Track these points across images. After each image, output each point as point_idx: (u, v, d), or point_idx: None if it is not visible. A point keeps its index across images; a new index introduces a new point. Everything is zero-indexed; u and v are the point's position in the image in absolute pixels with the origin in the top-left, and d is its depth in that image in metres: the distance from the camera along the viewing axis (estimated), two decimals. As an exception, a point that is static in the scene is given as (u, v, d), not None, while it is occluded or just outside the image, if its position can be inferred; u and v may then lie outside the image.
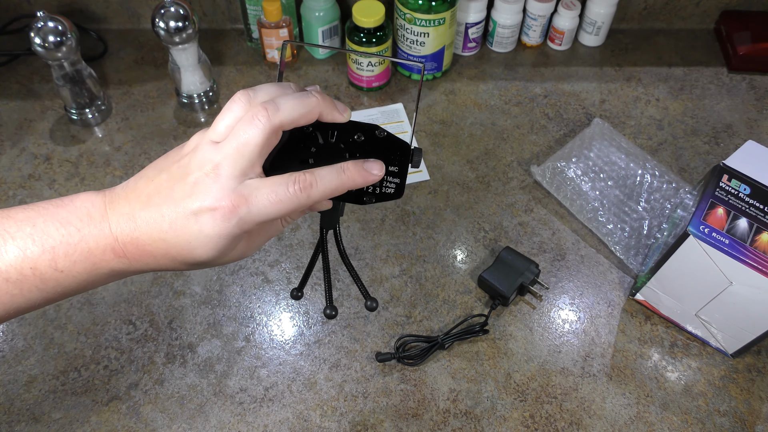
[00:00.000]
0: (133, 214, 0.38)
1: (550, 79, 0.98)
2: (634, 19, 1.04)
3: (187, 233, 0.37)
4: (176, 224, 0.37)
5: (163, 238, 0.38)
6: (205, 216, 0.37)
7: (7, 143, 0.89)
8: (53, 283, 0.38)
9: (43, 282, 0.38)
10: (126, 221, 0.38)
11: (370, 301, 0.46)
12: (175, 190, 0.37)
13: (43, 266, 0.38)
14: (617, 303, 0.75)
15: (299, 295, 0.48)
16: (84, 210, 0.39)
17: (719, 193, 0.64)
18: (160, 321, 0.72)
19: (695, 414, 0.67)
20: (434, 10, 0.88)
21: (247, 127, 0.37)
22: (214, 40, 1.02)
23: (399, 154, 0.42)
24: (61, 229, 0.38)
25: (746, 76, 0.99)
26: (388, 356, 0.69)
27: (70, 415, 0.66)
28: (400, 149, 0.42)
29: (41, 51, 0.80)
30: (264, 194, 0.37)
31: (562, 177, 0.84)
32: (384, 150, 0.42)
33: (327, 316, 0.46)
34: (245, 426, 0.65)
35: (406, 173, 0.43)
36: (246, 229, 0.38)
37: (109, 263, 0.39)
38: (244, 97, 0.39)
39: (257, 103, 0.38)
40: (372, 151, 0.42)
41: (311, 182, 0.38)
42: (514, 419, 0.66)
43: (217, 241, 0.37)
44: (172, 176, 0.38)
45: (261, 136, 0.37)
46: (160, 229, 0.37)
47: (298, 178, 0.38)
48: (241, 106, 0.39)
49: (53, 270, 0.38)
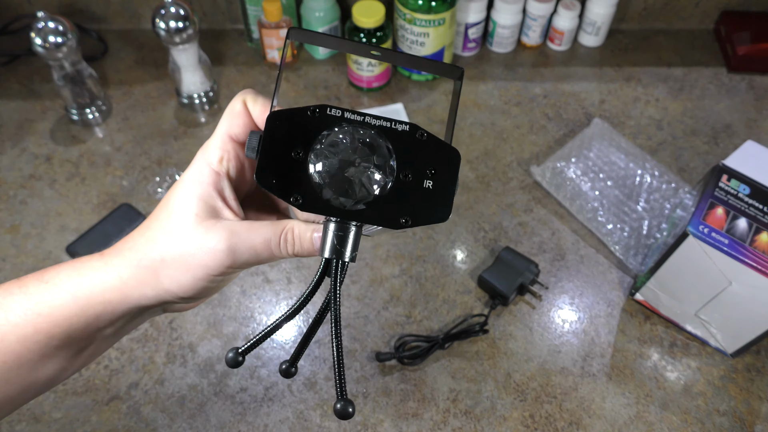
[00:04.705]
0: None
1: (549, 80, 0.98)
2: (634, 19, 1.04)
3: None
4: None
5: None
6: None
7: (7, 143, 0.89)
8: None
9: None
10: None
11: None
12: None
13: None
14: (617, 303, 0.75)
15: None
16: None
17: (719, 193, 0.64)
18: (161, 321, 0.72)
19: (695, 413, 0.67)
20: (434, 11, 0.88)
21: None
22: (215, 40, 1.02)
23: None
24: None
25: (746, 76, 0.99)
26: (388, 356, 0.69)
27: (71, 415, 0.66)
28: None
29: (42, 51, 0.80)
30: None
31: (561, 177, 0.84)
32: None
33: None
34: (245, 426, 0.65)
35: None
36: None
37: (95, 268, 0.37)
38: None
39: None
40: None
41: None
42: (514, 419, 0.66)
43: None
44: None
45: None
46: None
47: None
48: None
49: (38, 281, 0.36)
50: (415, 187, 0.33)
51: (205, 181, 0.35)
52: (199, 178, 0.35)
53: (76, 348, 0.36)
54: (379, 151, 0.33)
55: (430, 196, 0.33)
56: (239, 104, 0.36)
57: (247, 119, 0.36)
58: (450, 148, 0.34)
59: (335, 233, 0.34)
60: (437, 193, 0.33)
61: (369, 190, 0.33)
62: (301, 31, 0.34)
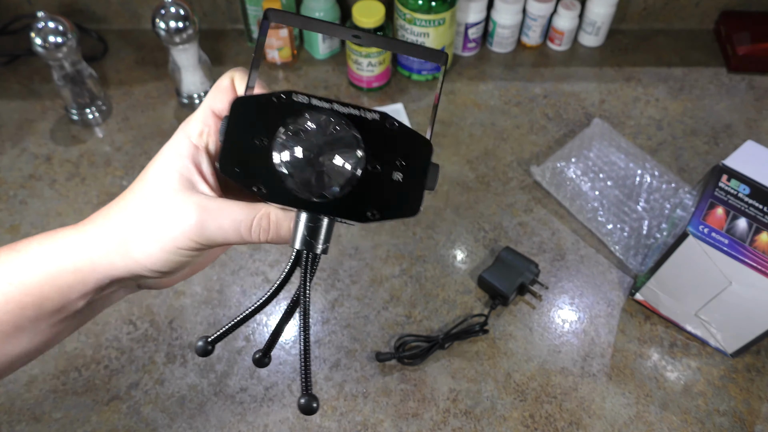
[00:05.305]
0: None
1: (549, 80, 0.98)
2: (634, 19, 1.04)
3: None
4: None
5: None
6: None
7: (7, 143, 0.89)
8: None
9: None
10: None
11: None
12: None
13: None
14: (617, 303, 0.75)
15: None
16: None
17: (719, 193, 0.64)
18: (161, 321, 0.72)
19: (695, 414, 0.67)
20: (434, 11, 0.88)
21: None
22: (215, 40, 1.02)
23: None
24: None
25: (746, 76, 0.99)
26: (388, 356, 0.69)
27: (71, 415, 0.66)
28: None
29: (42, 51, 0.80)
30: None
31: (561, 177, 0.84)
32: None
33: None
34: (245, 426, 0.65)
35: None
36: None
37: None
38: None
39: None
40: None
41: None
42: (514, 419, 0.66)
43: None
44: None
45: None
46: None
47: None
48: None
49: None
50: (383, 180, 0.32)
51: (183, 154, 0.35)
52: (177, 150, 0.35)
53: (49, 321, 0.36)
54: (347, 141, 0.31)
55: (399, 188, 0.32)
56: (227, 80, 0.36)
57: (232, 96, 0.35)
58: (421, 139, 0.32)
59: (306, 224, 0.32)
60: (407, 186, 0.32)
61: (335, 182, 0.31)
62: (280, 13, 0.33)
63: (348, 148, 0.31)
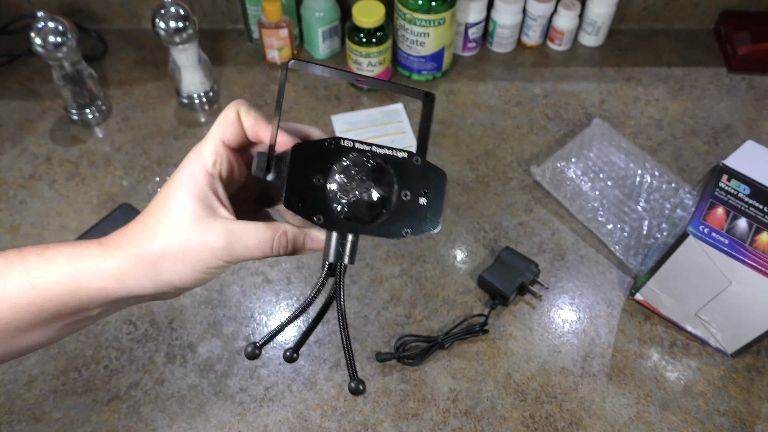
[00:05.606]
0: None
1: (549, 80, 0.98)
2: (634, 19, 1.04)
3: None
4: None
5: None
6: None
7: (7, 143, 0.89)
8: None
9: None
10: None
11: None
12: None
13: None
14: (617, 303, 0.75)
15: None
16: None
17: (719, 193, 0.64)
18: (161, 321, 0.72)
19: (695, 414, 0.67)
20: (434, 11, 0.88)
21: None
22: (215, 40, 1.02)
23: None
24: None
25: (746, 76, 0.99)
26: (388, 356, 0.69)
27: (71, 415, 0.66)
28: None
29: (42, 51, 0.80)
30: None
31: (561, 177, 0.84)
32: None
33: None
34: (245, 426, 0.65)
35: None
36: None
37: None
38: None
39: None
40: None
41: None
42: (514, 419, 0.66)
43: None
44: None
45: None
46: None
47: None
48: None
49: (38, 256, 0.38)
50: (412, 204, 0.39)
51: (201, 182, 0.38)
52: (194, 179, 0.38)
53: (61, 322, 0.39)
54: (385, 176, 0.38)
55: (425, 210, 0.40)
56: (233, 113, 0.39)
57: (239, 128, 0.39)
58: (439, 171, 0.40)
59: (338, 241, 0.39)
60: (430, 208, 0.40)
61: (379, 210, 0.38)
62: (300, 62, 0.38)
63: (387, 182, 0.39)
